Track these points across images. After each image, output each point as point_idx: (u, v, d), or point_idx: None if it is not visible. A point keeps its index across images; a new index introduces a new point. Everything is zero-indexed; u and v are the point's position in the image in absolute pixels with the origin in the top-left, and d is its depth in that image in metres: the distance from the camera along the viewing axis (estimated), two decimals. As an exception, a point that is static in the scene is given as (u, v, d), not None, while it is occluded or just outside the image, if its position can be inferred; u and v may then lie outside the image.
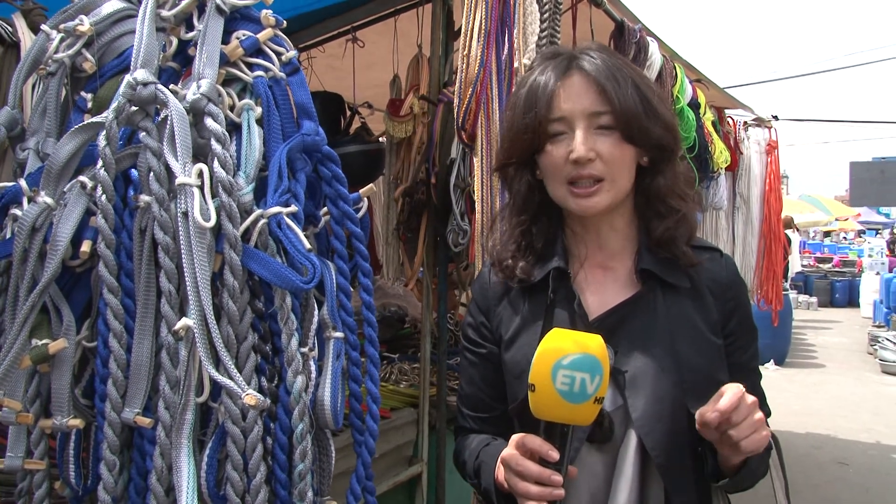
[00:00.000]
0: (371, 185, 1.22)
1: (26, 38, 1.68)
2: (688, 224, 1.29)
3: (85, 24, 1.12)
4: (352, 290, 1.14)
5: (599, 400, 1.04)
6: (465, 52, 1.93)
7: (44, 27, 1.17)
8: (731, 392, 1.08)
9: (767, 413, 1.38)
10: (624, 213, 1.31)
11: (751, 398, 1.10)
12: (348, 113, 3.44)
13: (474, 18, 1.93)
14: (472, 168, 2.46)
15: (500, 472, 1.17)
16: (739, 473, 1.17)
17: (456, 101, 1.99)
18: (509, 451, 1.12)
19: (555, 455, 1.06)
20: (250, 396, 0.95)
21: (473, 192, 2.03)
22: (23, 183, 1.07)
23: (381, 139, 3.32)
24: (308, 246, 1.01)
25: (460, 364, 1.53)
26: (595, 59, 1.24)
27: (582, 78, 1.23)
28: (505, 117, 1.36)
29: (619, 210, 1.29)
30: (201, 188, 0.98)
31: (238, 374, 0.98)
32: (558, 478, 1.06)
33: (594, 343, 1.05)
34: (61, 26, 1.14)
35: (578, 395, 1.02)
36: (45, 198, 1.04)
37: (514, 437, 1.13)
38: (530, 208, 1.33)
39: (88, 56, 1.13)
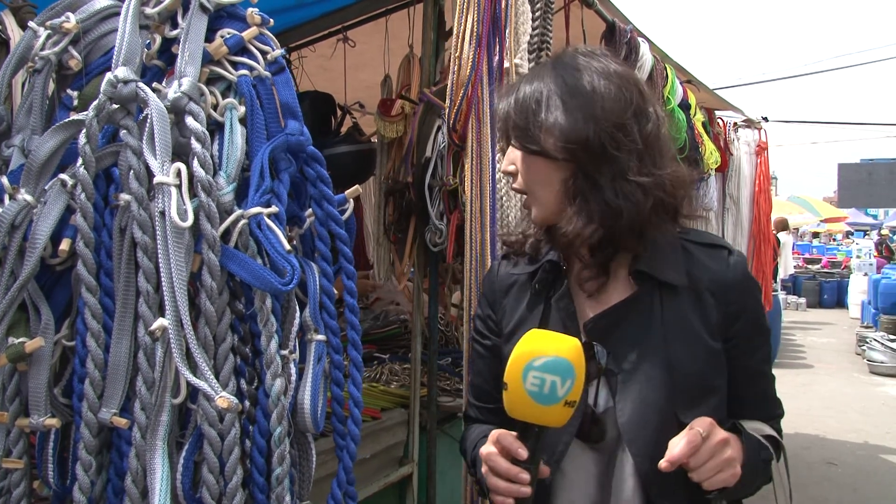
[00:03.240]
0: (357, 186, 1.21)
1: (15, 36, 1.66)
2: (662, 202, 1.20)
3: (71, 21, 1.11)
4: (335, 292, 1.13)
5: (571, 403, 1.04)
6: (457, 54, 1.92)
7: (31, 24, 1.16)
8: (687, 439, 1.07)
9: (780, 414, 1.34)
10: None
11: (718, 436, 1.09)
12: (339, 113, 3.43)
13: (466, 20, 1.92)
14: (448, 168, 2.47)
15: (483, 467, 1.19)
16: (729, 487, 1.13)
17: (447, 102, 1.98)
18: (487, 446, 1.14)
19: (523, 454, 1.08)
20: (223, 399, 0.94)
21: (463, 191, 2.02)
22: (4, 180, 1.06)
23: (372, 139, 3.31)
24: (287, 247, 1.00)
25: (469, 356, 1.56)
26: (548, 71, 1.24)
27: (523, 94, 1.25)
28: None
29: None
30: (179, 187, 0.98)
31: (212, 376, 0.97)
32: (525, 476, 1.07)
33: (568, 346, 1.04)
34: (48, 23, 1.13)
35: (548, 397, 1.03)
36: (24, 195, 1.03)
37: (492, 434, 1.14)
38: None
39: (74, 53, 1.12)
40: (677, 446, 1.07)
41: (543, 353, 1.03)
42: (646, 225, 1.19)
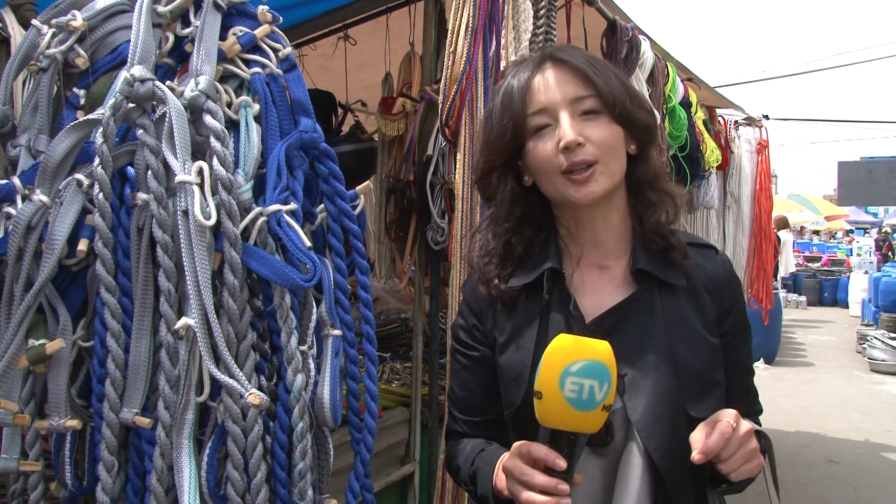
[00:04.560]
0: (368, 182, 1.21)
1: (16, 34, 1.66)
2: (675, 209, 1.29)
3: (78, 19, 1.11)
4: (349, 287, 1.13)
5: (607, 407, 1.02)
6: (452, 49, 1.90)
7: (35, 22, 1.16)
8: (719, 430, 1.06)
9: (759, 410, 1.38)
10: (618, 208, 1.27)
11: (745, 426, 1.09)
12: (339, 111, 3.43)
13: (462, 15, 1.90)
14: (450, 166, 2.46)
15: (501, 480, 1.15)
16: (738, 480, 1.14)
17: (441, 97, 1.96)
18: (512, 459, 1.10)
19: (562, 464, 1.04)
20: (254, 396, 0.94)
21: (454, 188, 2.01)
22: (16, 181, 1.06)
23: (374, 137, 3.31)
24: (308, 244, 1.01)
25: (451, 367, 1.48)
26: (568, 51, 1.24)
27: (558, 68, 1.21)
28: (482, 131, 1.33)
29: (613, 203, 1.26)
30: (201, 186, 0.98)
31: (240, 373, 0.97)
32: (565, 487, 1.03)
33: (602, 349, 1.03)
34: (53, 21, 1.13)
35: (587, 402, 1.00)
36: (40, 196, 1.03)
37: (516, 445, 1.11)
38: (514, 216, 1.29)
39: (81, 52, 1.12)
40: (711, 437, 1.05)
41: (579, 357, 1.01)
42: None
